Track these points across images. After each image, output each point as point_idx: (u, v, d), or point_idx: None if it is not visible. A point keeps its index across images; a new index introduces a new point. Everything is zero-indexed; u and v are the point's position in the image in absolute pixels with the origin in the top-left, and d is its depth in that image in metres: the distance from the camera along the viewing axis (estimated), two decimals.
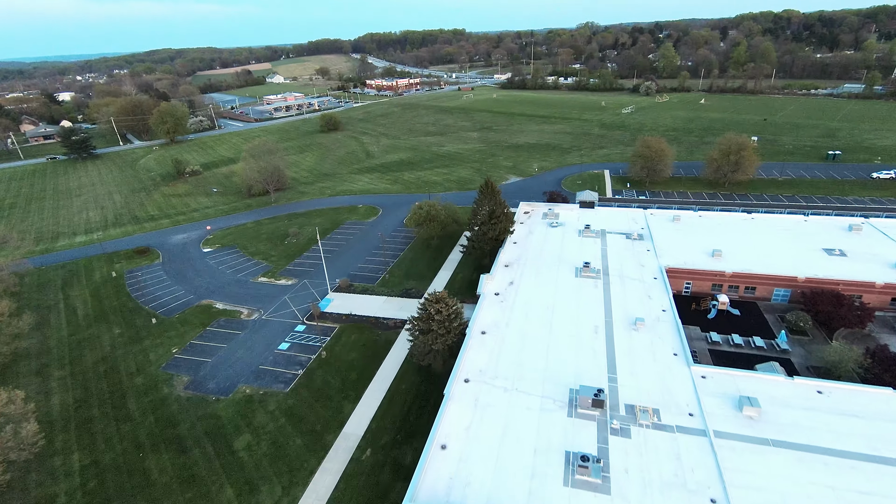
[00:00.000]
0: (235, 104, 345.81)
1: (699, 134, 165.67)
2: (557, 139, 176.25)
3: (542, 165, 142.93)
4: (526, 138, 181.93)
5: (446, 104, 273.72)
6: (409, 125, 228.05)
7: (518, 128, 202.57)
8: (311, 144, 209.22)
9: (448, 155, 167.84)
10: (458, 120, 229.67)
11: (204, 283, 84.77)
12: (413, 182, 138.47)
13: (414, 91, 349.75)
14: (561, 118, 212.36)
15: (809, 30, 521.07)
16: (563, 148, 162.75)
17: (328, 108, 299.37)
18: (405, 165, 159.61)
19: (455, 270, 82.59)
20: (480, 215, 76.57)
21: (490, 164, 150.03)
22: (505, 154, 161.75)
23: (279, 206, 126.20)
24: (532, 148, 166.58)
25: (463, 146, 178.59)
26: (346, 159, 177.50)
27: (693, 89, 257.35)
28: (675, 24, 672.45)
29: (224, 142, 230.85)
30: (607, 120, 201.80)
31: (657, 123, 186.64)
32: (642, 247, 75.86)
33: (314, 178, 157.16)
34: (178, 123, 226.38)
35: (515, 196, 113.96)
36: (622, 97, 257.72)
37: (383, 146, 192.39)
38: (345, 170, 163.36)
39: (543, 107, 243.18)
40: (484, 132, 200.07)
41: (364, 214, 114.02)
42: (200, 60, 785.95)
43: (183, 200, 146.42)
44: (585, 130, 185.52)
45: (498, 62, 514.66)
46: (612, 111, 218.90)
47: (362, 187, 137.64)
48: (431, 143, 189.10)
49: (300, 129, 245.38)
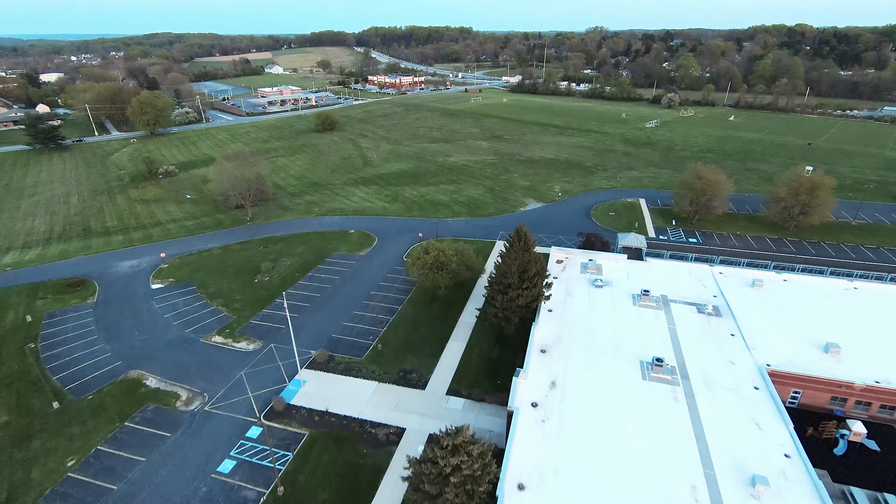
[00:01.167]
0: (228, 95, 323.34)
1: (739, 158, 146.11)
2: (578, 155, 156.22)
3: (566, 188, 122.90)
4: (542, 152, 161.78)
5: (453, 107, 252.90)
6: (413, 129, 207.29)
7: (532, 138, 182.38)
8: (303, 146, 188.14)
9: (455, 168, 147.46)
10: (465, 126, 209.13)
11: (140, 342, 64.22)
12: (415, 202, 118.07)
13: (418, 90, 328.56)
14: (579, 130, 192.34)
15: (824, 46, 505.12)
16: (585, 167, 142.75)
17: (326, 105, 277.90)
18: (407, 178, 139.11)
19: (469, 342, 62.44)
20: (509, 276, 56.54)
21: (504, 183, 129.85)
22: (520, 170, 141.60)
23: (256, 226, 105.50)
24: (550, 164, 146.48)
25: (471, 157, 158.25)
26: (340, 166, 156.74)
27: (717, 103, 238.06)
28: (686, 34, 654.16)
29: (209, 137, 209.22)
30: (631, 134, 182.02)
31: (688, 142, 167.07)
32: (723, 328, 56.11)
33: (303, 187, 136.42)
34: (159, 115, 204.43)
35: (538, 228, 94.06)
36: (642, 108, 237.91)
37: (383, 152, 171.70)
38: (338, 179, 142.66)
39: (558, 115, 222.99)
40: (494, 142, 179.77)
41: (356, 244, 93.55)
42: (199, 46, 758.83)
43: (149, 208, 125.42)
44: (608, 146, 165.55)
45: (506, 63, 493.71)
46: (634, 124, 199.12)
47: (356, 205, 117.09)
48: (436, 151, 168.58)
49: (294, 126, 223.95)
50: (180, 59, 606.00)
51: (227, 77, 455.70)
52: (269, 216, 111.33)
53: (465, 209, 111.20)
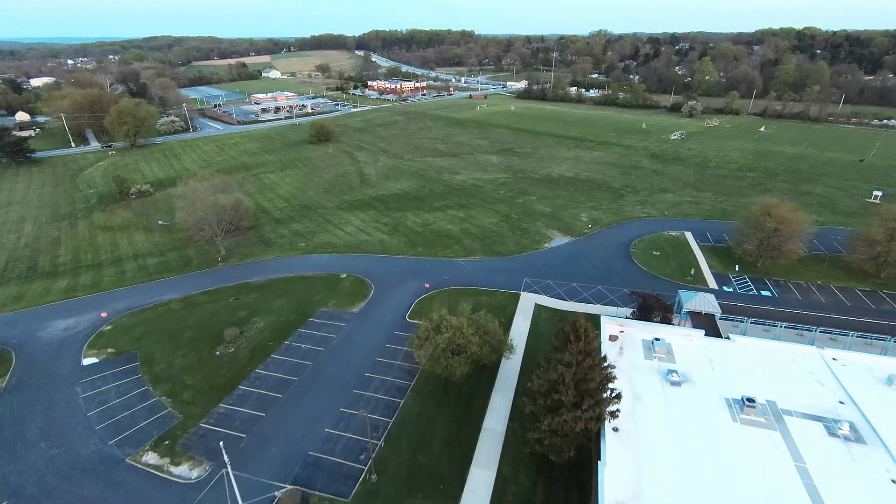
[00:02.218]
0: (221, 101, 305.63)
1: (788, 178, 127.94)
2: (601, 173, 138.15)
3: (594, 217, 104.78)
4: (560, 168, 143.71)
5: (457, 115, 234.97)
6: (415, 140, 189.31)
7: (547, 152, 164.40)
8: (295, 160, 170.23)
9: (463, 188, 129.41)
10: (472, 137, 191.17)
11: (42, 461, 46.13)
12: (419, 233, 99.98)
13: (420, 96, 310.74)
14: (597, 142, 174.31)
15: (837, 49, 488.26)
16: (612, 188, 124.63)
17: (322, 112, 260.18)
18: (409, 201, 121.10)
19: (500, 473, 44.11)
20: (562, 391, 38.40)
21: (521, 209, 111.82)
22: (537, 191, 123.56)
23: (229, 268, 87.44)
24: (571, 185, 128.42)
25: (481, 175, 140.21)
26: (335, 185, 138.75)
27: (742, 111, 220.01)
28: (692, 37, 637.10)
29: (195, 149, 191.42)
30: (656, 148, 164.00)
31: (722, 157, 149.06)
32: (876, 466, 37.99)
33: (291, 211, 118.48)
34: (140, 125, 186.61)
35: (570, 273, 76.37)
36: (660, 117, 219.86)
37: (382, 168, 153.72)
38: (332, 202, 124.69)
39: (572, 125, 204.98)
40: (505, 156, 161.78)
41: (348, 295, 75.50)
42: (197, 50, 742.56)
43: (112, 238, 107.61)
44: (634, 162, 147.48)
45: (510, 67, 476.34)
46: (656, 136, 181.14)
47: (350, 238, 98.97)
48: (442, 167, 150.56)
49: (287, 137, 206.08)
50: (176, 62, 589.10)
51: (223, 82, 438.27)
52: (247, 254, 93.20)
53: (479, 244, 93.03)
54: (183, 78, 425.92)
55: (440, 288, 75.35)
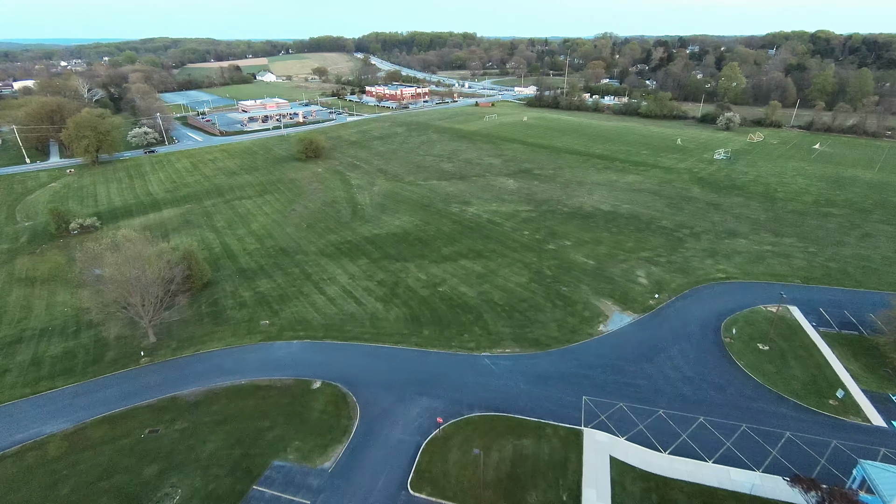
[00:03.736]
0: (206, 108, 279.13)
1: (889, 218, 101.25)
2: (645, 205, 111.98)
3: (655, 276, 78.38)
4: (592, 198, 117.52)
5: (464, 127, 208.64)
6: (417, 157, 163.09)
7: (572, 174, 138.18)
8: (278, 181, 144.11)
9: (477, 225, 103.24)
10: (482, 153, 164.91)
11: None
12: (425, 299, 73.81)
13: (421, 103, 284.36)
14: (629, 162, 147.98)
15: (854, 53, 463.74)
16: (664, 228, 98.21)
17: (315, 122, 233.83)
18: (411, 245, 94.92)
19: None
20: None
21: (555, 260, 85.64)
22: (571, 232, 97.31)
23: (155, 368, 61.07)
24: (611, 222, 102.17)
25: (498, 207, 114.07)
26: (321, 218, 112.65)
27: (783, 124, 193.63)
28: (701, 40, 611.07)
29: (166, 166, 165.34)
30: (701, 170, 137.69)
31: (786, 185, 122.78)
32: None
33: (261, 258, 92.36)
34: (102, 139, 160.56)
35: (644, 387, 50.41)
36: (693, 130, 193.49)
37: (379, 194, 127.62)
38: (314, 243, 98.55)
39: (596, 140, 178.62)
40: (524, 179, 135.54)
41: (319, 429, 49.29)
42: (193, 52, 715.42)
43: (27, 298, 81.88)
44: (680, 190, 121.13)
45: (515, 71, 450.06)
46: (697, 155, 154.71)
47: (331, 309, 72.69)
48: (449, 194, 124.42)
49: (272, 152, 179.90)
50: (169, 65, 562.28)
51: (214, 86, 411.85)
52: (186, 339, 66.78)
53: (507, 323, 66.81)
54: (172, 82, 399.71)
55: (458, 416, 49.36)
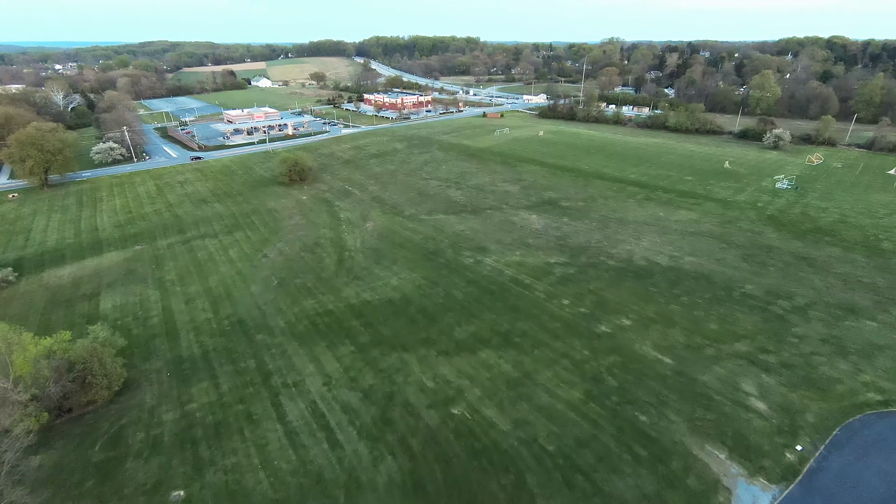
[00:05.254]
0: (189, 117, 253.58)
1: None
2: (712, 256, 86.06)
3: (772, 392, 52.51)
4: (641, 245, 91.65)
5: (472, 143, 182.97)
6: (420, 181, 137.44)
7: (607, 207, 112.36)
8: (253, 213, 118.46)
9: (499, 287, 77.42)
10: (495, 177, 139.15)
11: None
12: (433, 430, 48.05)
13: (424, 113, 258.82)
14: (675, 192, 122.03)
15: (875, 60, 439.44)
16: (751, 297, 72.17)
17: (307, 134, 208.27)
18: (411, 320, 69.14)
19: None
20: None
21: (615, 354, 59.90)
22: (626, 301, 71.47)
23: None
24: (676, 284, 76.26)
25: (523, 257, 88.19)
26: (297, 270, 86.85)
27: (837, 141, 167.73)
28: (711, 45, 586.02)
29: (128, 189, 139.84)
30: (767, 205, 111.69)
31: (887, 229, 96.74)
32: None
33: (209, 337, 66.64)
34: (51, 158, 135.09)
35: None
36: (735, 149, 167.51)
37: (373, 234, 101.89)
38: (284, 313, 72.78)
39: (627, 161, 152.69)
40: (550, 214, 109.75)
41: None
42: (190, 56, 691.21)
43: None
44: (751, 236, 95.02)
45: (521, 78, 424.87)
46: (754, 182, 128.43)
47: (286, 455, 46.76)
48: (460, 235, 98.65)
49: (252, 172, 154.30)
50: (162, 69, 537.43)
51: (206, 92, 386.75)
52: None
53: (566, 498, 40.95)
54: (160, 87, 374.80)
55: None
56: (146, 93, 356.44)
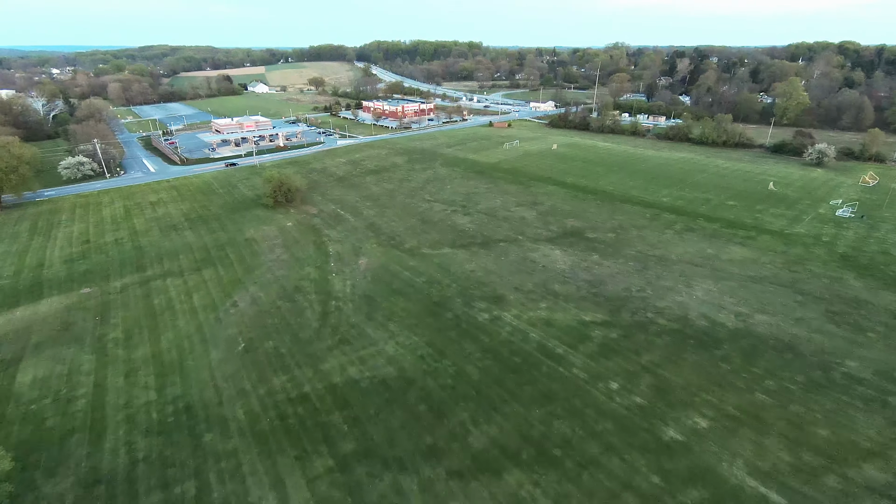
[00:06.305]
0: (175, 126, 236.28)
1: None
2: (789, 314, 68.30)
3: None
4: (694, 293, 73.81)
5: (480, 157, 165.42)
6: (422, 205, 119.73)
7: (644, 241, 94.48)
8: (228, 245, 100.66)
9: (525, 359, 59.66)
10: (508, 200, 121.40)
11: None
12: None
13: (426, 122, 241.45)
14: (719, 222, 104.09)
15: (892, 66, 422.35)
16: (859, 382, 54.41)
17: (300, 145, 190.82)
18: (411, 413, 51.39)
19: None
20: None
21: (691, 475, 42.24)
22: (692, 384, 53.80)
23: None
24: (753, 358, 58.52)
25: (550, 313, 70.34)
26: (270, 328, 69.02)
27: (887, 158, 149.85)
28: (720, 51, 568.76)
29: (93, 212, 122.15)
30: (833, 239, 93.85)
31: None
32: None
33: (142, 437, 48.68)
34: (2, 178, 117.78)
35: None
36: (771, 165, 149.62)
37: (366, 274, 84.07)
38: (246, 397, 54.94)
39: (656, 182, 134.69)
40: (577, 249, 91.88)
41: None
42: (188, 60, 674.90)
43: None
44: (828, 283, 77.20)
45: (526, 83, 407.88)
46: (808, 208, 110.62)
47: None
48: (470, 278, 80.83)
49: (235, 191, 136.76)
50: (158, 73, 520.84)
51: (200, 98, 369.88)
52: None
53: None
54: (152, 93, 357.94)
55: None
56: (137, 98, 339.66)
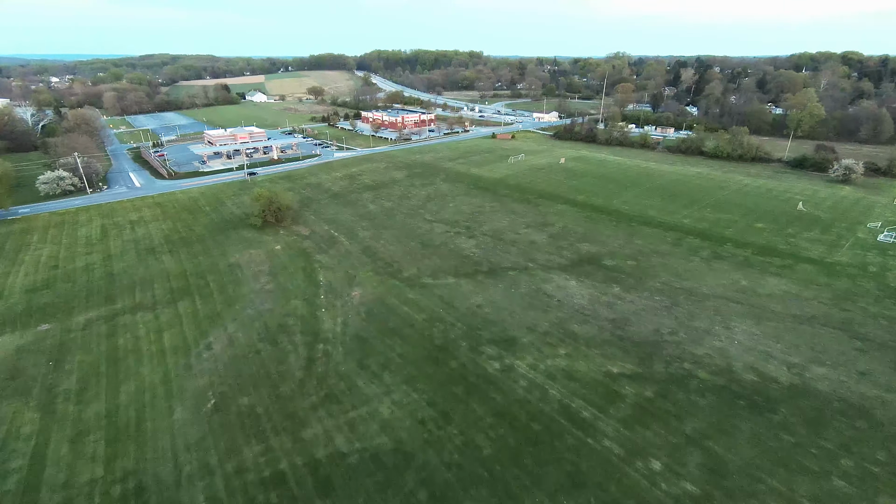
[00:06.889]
0: (167, 137, 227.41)
1: None
2: (847, 365, 58.52)
3: None
4: (735, 338, 63.96)
5: (484, 172, 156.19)
6: (422, 226, 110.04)
7: (668, 270, 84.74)
8: (208, 272, 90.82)
9: (546, 426, 49.72)
10: (516, 221, 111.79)
11: None
12: None
13: (426, 133, 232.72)
14: (751, 248, 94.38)
15: None
16: None
17: (295, 158, 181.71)
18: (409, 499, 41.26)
19: None
20: None
21: None
22: (754, 465, 43.96)
23: None
24: (818, 428, 48.82)
25: (571, 362, 60.42)
26: (246, 379, 58.97)
27: None
28: (721, 61, 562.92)
29: (65, 233, 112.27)
30: (884, 269, 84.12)
31: None
32: None
33: None
34: None
35: None
36: (792, 180, 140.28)
37: (359, 310, 74.15)
38: (210, 483, 44.74)
39: (674, 201, 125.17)
40: (595, 280, 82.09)
41: None
42: (188, 69, 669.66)
43: None
44: (888, 326, 67.44)
45: (528, 93, 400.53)
46: (845, 232, 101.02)
47: None
48: (477, 315, 70.97)
49: (223, 208, 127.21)
50: (157, 82, 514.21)
51: (196, 107, 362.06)
52: None
53: None
54: (148, 103, 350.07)
55: None
56: (132, 108, 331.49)
